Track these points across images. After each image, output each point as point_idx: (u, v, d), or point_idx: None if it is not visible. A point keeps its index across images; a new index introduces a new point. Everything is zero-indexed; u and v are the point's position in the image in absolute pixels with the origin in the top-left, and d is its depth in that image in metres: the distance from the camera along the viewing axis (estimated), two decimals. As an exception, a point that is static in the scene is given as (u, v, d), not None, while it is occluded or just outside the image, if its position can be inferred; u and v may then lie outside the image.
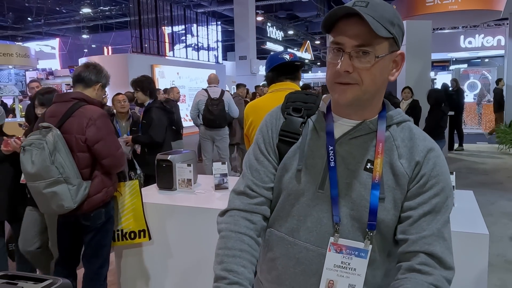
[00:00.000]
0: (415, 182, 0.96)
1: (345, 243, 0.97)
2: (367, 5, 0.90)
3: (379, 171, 0.95)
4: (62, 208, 2.26)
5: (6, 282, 0.99)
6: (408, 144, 0.98)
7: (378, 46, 0.91)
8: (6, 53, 10.06)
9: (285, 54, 2.11)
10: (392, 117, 1.00)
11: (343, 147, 0.99)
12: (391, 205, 0.96)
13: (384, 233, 0.98)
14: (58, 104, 2.39)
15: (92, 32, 24.39)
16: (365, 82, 0.92)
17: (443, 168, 0.97)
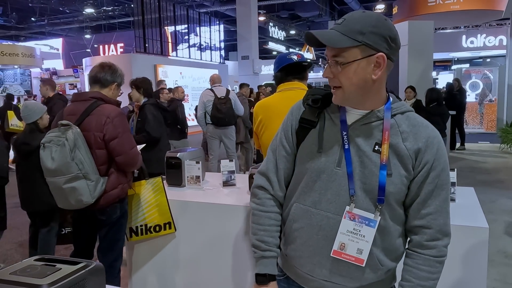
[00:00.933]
0: (422, 166, 1.15)
1: (358, 213, 1.17)
2: (342, 22, 1.14)
3: (385, 154, 1.14)
4: (80, 203, 2.36)
5: (45, 264, 1.09)
6: (412, 130, 1.17)
7: (347, 54, 1.12)
8: (12, 53, 10.18)
9: (293, 55, 2.21)
10: (397, 107, 1.20)
11: (355, 132, 1.19)
12: (398, 180, 1.15)
13: (393, 204, 1.17)
14: (76, 103, 2.49)
15: (95, 32, 24.51)
16: (343, 84, 1.15)
17: (443, 151, 1.18)
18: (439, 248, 1.18)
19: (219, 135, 6.18)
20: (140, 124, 4.04)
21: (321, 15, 22.95)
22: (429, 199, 1.17)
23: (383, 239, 1.18)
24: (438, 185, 1.17)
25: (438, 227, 1.17)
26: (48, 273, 0.99)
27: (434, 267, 1.18)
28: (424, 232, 1.18)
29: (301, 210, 1.24)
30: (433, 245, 1.18)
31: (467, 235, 2.16)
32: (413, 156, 1.16)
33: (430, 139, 1.16)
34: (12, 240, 4.58)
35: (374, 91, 1.18)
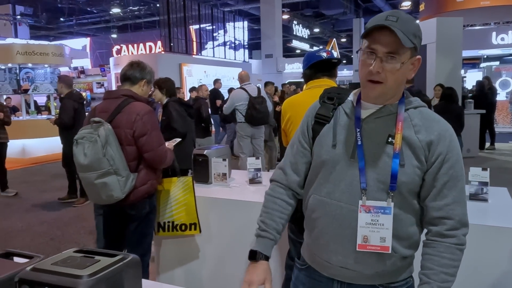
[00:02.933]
0: (436, 157, 1.20)
1: (372, 204, 1.21)
2: (397, 20, 1.16)
3: (399, 144, 1.19)
4: (111, 198, 2.41)
5: (84, 256, 1.12)
6: (425, 124, 1.22)
7: (403, 54, 1.17)
8: (43, 52, 10.45)
9: (322, 52, 2.20)
10: (410, 102, 1.26)
11: (369, 125, 1.25)
12: (410, 170, 1.19)
13: (404, 192, 1.21)
14: (108, 101, 2.55)
15: (121, 31, 24.95)
16: (389, 81, 1.18)
17: (456, 143, 1.22)
18: (459, 237, 1.21)
19: (252, 133, 6.17)
20: (165, 122, 4.09)
21: (346, 13, 22.70)
22: (446, 190, 1.20)
23: (395, 227, 1.21)
24: (453, 176, 1.20)
25: (458, 217, 1.20)
26: (87, 264, 1.02)
27: (456, 254, 1.20)
28: (444, 222, 1.21)
29: (317, 201, 1.30)
30: (453, 234, 1.21)
31: (500, 236, 2.10)
32: (426, 147, 1.20)
33: (442, 132, 1.21)
34: (44, 234, 4.72)
35: (399, 90, 1.25)
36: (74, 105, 5.44)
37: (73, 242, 4.36)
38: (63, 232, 4.76)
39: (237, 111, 6.11)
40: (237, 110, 6.11)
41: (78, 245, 4.22)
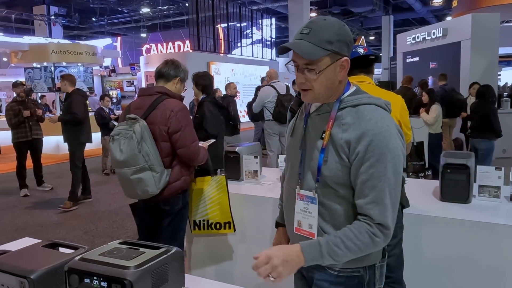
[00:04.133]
0: (354, 155, 1.24)
1: (303, 193, 1.36)
2: (309, 31, 1.24)
3: (326, 140, 1.29)
4: (146, 193, 2.45)
5: (129, 248, 1.14)
6: (355, 123, 1.26)
7: (319, 63, 1.24)
8: (76, 51, 10.75)
9: (359, 48, 2.16)
10: (350, 101, 1.31)
11: (312, 120, 1.38)
12: (333, 165, 1.27)
13: (332, 185, 1.29)
14: (143, 98, 2.59)
15: (150, 31, 25.38)
16: (315, 88, 1.28)
17: (379, 143, 1.21)
18: (375, 228, 1.22)
19: (280, 131, 6.16)
20: (197, 120, 4.12)
21: (375, 10, 22.31)
22: (367, 189, 1.23)
23: (332, 216, 1.31)
24: (374, 176, 1.21)
25: (375, 217, 1.22)
26: (134, 256, 1.04)
27: (363, 234, 1.22)
28: (364, 219, 1.24)
29: (284, 188, 1.52)
30: (369, 223, 1.23)
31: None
32: (345, 146, 1.25)
33: (365, 131, 1.23)
34: (78, 227, 4.86)
35: (337, 89, 1.32)
36: (83, 101, 5.52)
37: (106, 236, 4.47)
38: (96, 226, 4.88)
39: (265, 108, 6.10)
40: (265, 108, 6.10)
41: (111, 239, 4.34)
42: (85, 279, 0.99)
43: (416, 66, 10.48)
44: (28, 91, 6.24)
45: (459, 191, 2.49)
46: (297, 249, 1.21)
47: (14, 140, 6.22)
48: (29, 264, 1.12)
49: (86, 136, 5.66)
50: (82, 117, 5.42)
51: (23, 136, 6.16)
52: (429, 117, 6.03)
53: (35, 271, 1.09)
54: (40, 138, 6.41)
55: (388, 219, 1.22)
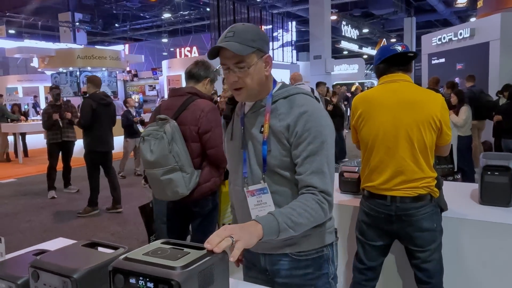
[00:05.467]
0: (293, 137, 1.35)
1: (252, 188, 1.44)
2: (234, 34, 1.34)
3: (266, 132, 1.39)
4: (176, 194, 2.43)
5: (172, 248, 1.10)
6: (289, 111, 1.38)
7: (248, 59, 1.34)
8: (101, 56, 10.94)
9: (397, 46, 2.09)
10: (280, 94, 1.43)
11: (248, 119, 1.47)
12: (277, 153, 1.38)
13: (279, 171, 1.39)
14: (173, 98, 2.58)
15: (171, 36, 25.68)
16: (247, 84, 1.37)
17: (314, 122, 1.35)
18: (318, 195, 1.32)
19: None
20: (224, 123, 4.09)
21: (397, 12, 22.04)
22: (307, 164, 1.33)
23: (282, 201, 1.40)
24: (313, 151, 1.33)
25: (317, 185, 1.32)
26: (179, 256, 1.00)
27: (310, 201, 1.31)
28: (307, 189, 1.34)
29: (231, 189, 1.58)
30: (313, 191, 1.33)
31: None
32: (285, 131, 1.36)
33: (300, 114, 1.35)
34: (104, 229, 4.90)
35: (266, 85, 1.42)
36: (92, 105, 5.16)
37: (132, 238, 4.48)
38: (123, 227, 4.91)
39: None
40: None
41: (137, 241, 4.35)
42: (130, 279, 0.96)
43: (442, 67, 10.25)
44: (56, 96, 6.36)
45: (499, 194, 2.39)
46: (252, 221, 1.23)
47: (47, 142, 6.45)
48: (71, 263, 1.10)
49: (96, 144, 5.28)
50: (84, 123, 5.16)
51: (54, 138, 6.32)
52: (459, 119, 5.87)
53: (77, 270, 1.06)
54: (72, 141, 6.49)
55: (328, 186, 1.35)
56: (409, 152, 2.01)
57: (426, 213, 2.04)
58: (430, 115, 1.99)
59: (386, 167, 2.05)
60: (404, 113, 2.01)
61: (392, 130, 2.02)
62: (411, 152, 2.01)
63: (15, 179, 8.25)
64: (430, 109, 1.99)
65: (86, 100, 5.32)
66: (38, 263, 1.13)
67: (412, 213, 2.03)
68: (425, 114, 1.99)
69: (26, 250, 1.66)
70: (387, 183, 2.05)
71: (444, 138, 2.05)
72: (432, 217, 2.06)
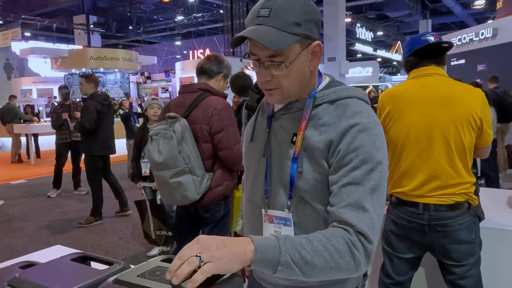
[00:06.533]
0: (334, 157, 0.99)
1: (273, 214, 1.08)
2: (269, 13, 0.95)
3: (298, 147, 1.03)
4: (186, 198, 2.25)
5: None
6: (336, 122, 1.01)
7: (287, 52, 0.97)
8: (114, 57, 10.88)
9: (429, 36, 1.88)
10: (326, 95, 1.05)
11: (277, 121, 1.11)
12: (310, 175, 1.01)
13: (307, 200, 1.03)
14: (183, 95, 2.40)
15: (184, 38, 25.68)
16: (284, 86, 1.01)
17: (365, 140, 0.97)
18: (354, 237, 0.91)
19: None
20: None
21: (412, 14, 21.69)
22: (344, 194, 0.95)
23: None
24: (356, 179, 0.95)
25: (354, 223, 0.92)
26: (181, 279, 0.80)
27: (337, 238, 0.90)
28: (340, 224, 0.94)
29: (244, 201, 1.24)
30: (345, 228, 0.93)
31: None
32: (325, 149, 1.00)
33: (348, 128, 0.98)
34: (113, 233, 4.74)
35: (309, 82, 1.06)
36: (97, 107, 4.77)
37: (141, 243, 4.31)
38: (131, 232, 4.75)
39: None
40: None
41: (147, 246, 4.19)
42: (120, 308, 0.77)
43: (462, 68, 9.93)
44: (65, 95, 6.29)
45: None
46: (246, 238, 0.87)
47: (56, 142, 6.36)
48: (52, 283, 0.92)
49: (100, 148, 4.91)
50: (89, 126, 4.71)
51: (63, 138, 6.26)
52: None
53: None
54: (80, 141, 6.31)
55: (370, 228, 0.92)
56: (445, 154, 1.79)
57: (463, 223, 1.81)
58: (470, 112, 1.77)
59: (418, 171, 1.83)
60: (439, 111, 1.79)
61: (425, 129, 1.81)
62: (447, 154, 1.79)
63: (25, 180, 8.18)
64: (469, 106, 1.77)
65: (89, 101, 4.85)
66: (16, 282, 0.95)
67: (448, 223, 1.81)
68: (464, 111, 1.77)
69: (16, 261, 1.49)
70: (420, 189, 1.83)
71: (485, 138, 1.83)
72: (470, 228, 1.84)
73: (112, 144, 5.11)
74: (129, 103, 7.80)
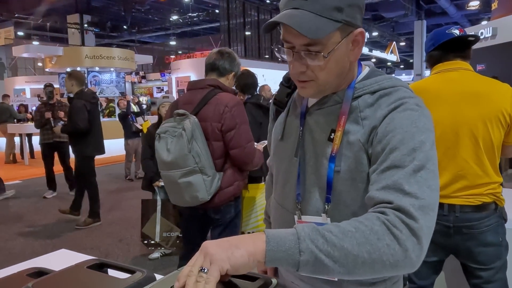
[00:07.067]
0: (373, 145, 0.88)
1: (308, 220, 0.97)
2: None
3: (337, 144, 0.93)
4: (196, 199, 2.15)
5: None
6: (376, 111, 0.90)
7: (327, 42, 0.87)
8: (109, 56, 10.73)
9: (454, 29, 1.80)
10: (364, 87, 0.95)
11: (312, 117, 1.00)
12: (349, 176, 0.92)
13: (346, 203, 0.93)
14: (192, 91, 2.30)
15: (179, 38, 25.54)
16: (320, 78, 0.91)
17: (403, 121, 0.85)
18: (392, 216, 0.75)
19: None
20: None
21: (407, 15, 21.75)
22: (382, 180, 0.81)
23: None
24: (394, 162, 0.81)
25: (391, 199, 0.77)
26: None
27: (370, 219, 0.75)
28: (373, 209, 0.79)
29: (272, 204, 1.14)
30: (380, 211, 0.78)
31: None
32: (365, 141, 0.90)
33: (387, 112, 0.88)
34: (112, 235, 4.62)
35: (348, 74, 0.96)
36: (86, 106, 4.52)
37: (141, 245, 4.19)
38: (131, 233, 4.63)
39: None
40: None
41: (148, 249, 4.07)
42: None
43: (460, 69, 9.91)
44: (49, 93, 5.92)
45: None
46: (257, 233, 0.75)
47: (39, 142, 6.10)
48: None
49: (93, 148, 4.74)
50: (84, 126, 4.47)
51: (46, 138, 5.98)
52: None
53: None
54: (65, 142, 5.87)
55: (413, 208, 0.75)
56: (472, 153, 1.71)
57: (490, 225, 1.73)
58: (499, 108, 1.69)
59: (444, 170, 1.74)
60: (466, 107, 1.71)
61: (452, 126, 1.72)
62: (474, 152, 1.71)
63: (20, 181, 8.01)
64: (498, 102, 1.69)
65: (76, 100, 4.55)
66: (30, 295, 0.85)
67: (475, 225, 1.72)
68: (493, 107, 1.69)
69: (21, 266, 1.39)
70: (445, 189, 1.74)
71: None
72: (497, 230, 1.76)
73: (102, 143, 4.93)
74: (127, 101, 7.65)
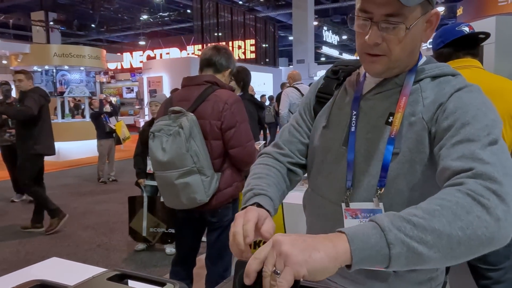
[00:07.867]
0: (439, 121, 0.85)
1: (357, 207, 0.94)
2: None
3: (396, 126, 0.90)
4: (193, 201, 2.04)
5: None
6: (438, 92, 0.89)
7: (410, 14, 0.84)
8: (79, 54, 10.33)
9: (463, 26, 1.79)
10: (424, 70, 0.93)
11: (367, 103, 0.98)
12: (408, 158, 0.88)
13: (402, 189, 0.89)
14: (188, 88, 2.18)
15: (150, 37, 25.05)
16: (394, 53, 0.88)
17: (474, 99, 0.84)
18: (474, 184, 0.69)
19: None
20: None
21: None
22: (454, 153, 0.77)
23: None
24: (467, 136, 0.77)
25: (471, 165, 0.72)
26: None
27: (451, 193, 0.68)
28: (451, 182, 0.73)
29: (308, 195, 1.11)
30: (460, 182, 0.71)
31: None
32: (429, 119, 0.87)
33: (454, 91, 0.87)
34: (89, 240, 4.40)
35: (410, 57, 0.93)
36: (40, 100, 4.37)
37: (121, 250, 4.02)
38: (110, 238, 4.42)
39: (288, 112, 5.68)
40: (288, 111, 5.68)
41: (128, 253, 3.90)
42: None
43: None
44: (5, 92, 5.55)
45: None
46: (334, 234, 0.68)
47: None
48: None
49: (43, 146, 4.47)
50: (35, 111, 4.23)
51: (4, 140, 5.60)
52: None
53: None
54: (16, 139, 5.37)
55: (497, 173, 0.69)
56: (484, 151, 1.69)
57: None
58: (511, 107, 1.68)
59: (455, 169, 1.72)
60: (478, 105, 1.69)
61: (463, 124, 1.70)
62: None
63: (-16, 185, 7.57)
64: (510, 100, 1.68)
65: (30, 93, 4.38)
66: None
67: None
68: (506, 106, 1.68)
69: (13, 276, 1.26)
70: (456, 188, 1.72)
71: None
72: (507, 229, 1.74)
73: (53, 144, 4.69)
74: (99, 100, 7.38)
